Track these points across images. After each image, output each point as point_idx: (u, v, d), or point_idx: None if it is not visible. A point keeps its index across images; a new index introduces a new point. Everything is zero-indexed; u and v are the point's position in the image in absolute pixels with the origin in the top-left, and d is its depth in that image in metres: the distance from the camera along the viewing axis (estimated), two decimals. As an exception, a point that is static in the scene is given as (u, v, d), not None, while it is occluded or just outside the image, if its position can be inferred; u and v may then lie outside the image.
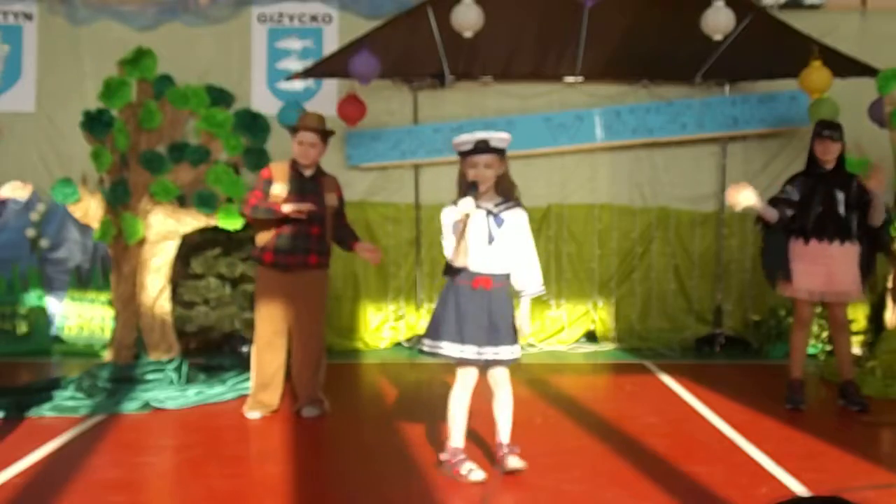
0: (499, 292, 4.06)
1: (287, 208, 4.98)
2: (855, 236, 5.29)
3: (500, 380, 4.18)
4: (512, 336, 4.08)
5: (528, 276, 4.11)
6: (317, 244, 5.16)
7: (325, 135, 5.21)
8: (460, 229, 3.93)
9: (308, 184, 5.18)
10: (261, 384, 5.25)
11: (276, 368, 5.26)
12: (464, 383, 4.14)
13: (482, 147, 3.98)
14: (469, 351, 4.02)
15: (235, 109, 6.17)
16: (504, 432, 4.21)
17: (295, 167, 5.20)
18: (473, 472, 4.02)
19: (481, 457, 4.33)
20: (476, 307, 4.01)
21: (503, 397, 4.21)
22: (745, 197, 5.03)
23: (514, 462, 4.12)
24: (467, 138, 4.01)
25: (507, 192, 4.12)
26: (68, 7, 7.76)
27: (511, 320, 4.08)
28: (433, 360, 7.17)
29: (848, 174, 5.38)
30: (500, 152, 4.05)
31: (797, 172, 5.50)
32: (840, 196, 5.26)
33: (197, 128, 6.08)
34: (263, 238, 5.16)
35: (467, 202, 3.88)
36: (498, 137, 4.02)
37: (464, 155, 4.03)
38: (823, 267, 5.26)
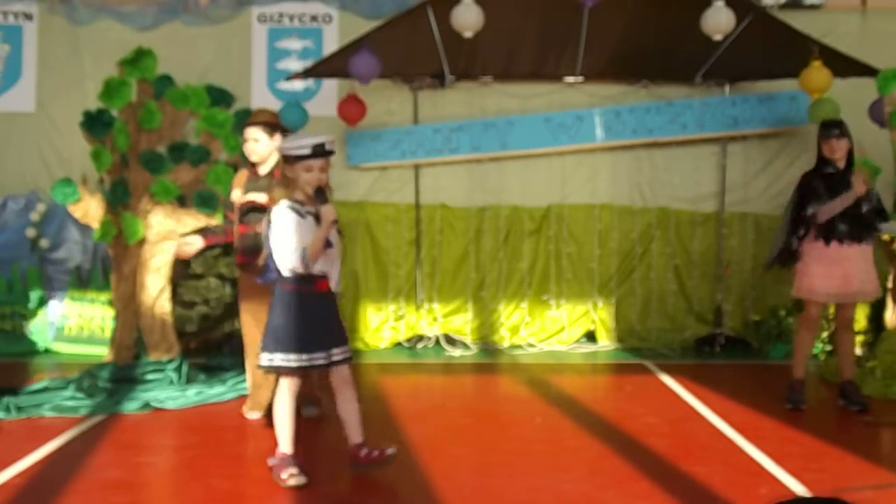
0: (332, 292, 4.09)
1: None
2: (871, 236, 5.30)
3: (347, 377, 4.15)
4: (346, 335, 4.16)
5: (337, 274, 4.12)
6: None
7: (270, 129, 5.10)
8: (322, 235, 3.90)
9: (262, 181, 5.13)
10: (255, 384, 5.24)
11: None
12: (294, 390, 4.10)
13: (320, 151, 3.92)
14: (318, 358, 3.99)
15: (235, 109, 6.18)
16: (358, 431, 4.21)
17: (251, 168, 5.18)
18: (295, 477, 3.99)
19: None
20: (322, 310, 4.03)
21: (350, 395, 4.19)
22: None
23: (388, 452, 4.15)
24: (303, 142, 3.91)
25: (323, 195, 3.99)
26: (68, 7, 7.76)
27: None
28: (431, 360, 7.21)
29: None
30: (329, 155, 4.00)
31: (808, 171, 5.48)
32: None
33: (197, 128, 6.09)
34: (234, 241, 5.18)
35: (331, 209, 3.90)
36: (331, 141, 3.97)
37: (298, 158, 3.91)
38: (840, 269, 5.26)
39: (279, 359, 3.95)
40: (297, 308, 3.96)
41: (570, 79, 7.68)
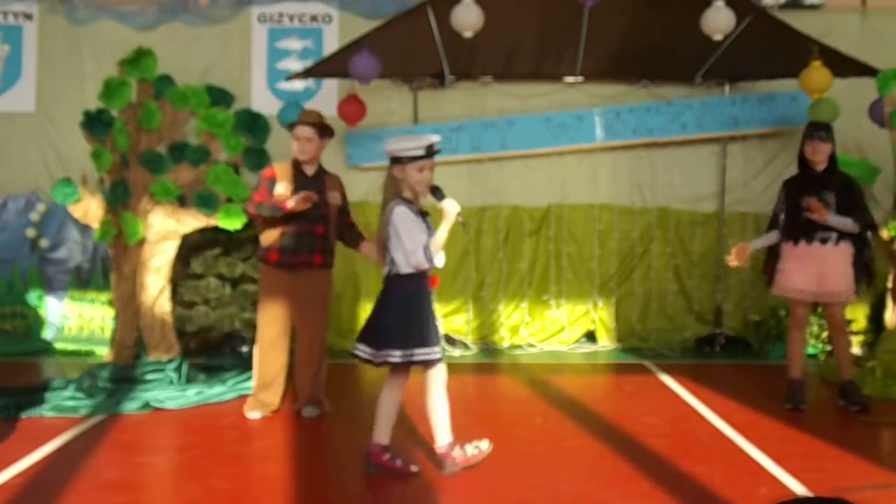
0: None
1: (291, 203, 4.96)
2: (847, 237, 5.30)
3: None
4: None
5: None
6: (322, 243, 5.14)
7: (322, 130, 5.17)
8: (448, 229, 4.00)
9: (311, 182, 5.16)
10: (262, 384, 5.25)
11: (279, 368, 5.26)
12: (443, 376, 4.18)
13: (431, 151, 4.01)
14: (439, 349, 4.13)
15: (235, 109, 6.18)
16: (388, 434, 4.28)
17: (297, 166, 5.19)
18: (481, 443, 4.19)
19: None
20: (431, 306, 4.14)
21: (398, 397, 4.30)
22: (744, 257, 5.44)
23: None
24: (416, 143, 3.97)
25: (440, 191, 4.16)
26: (68, 7, 7.76)
27: None
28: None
29: (841, 175, 5.39)
30: None
31: (790, 177, 5.53)
32: (831, 197, 5.28)
33: (197, 128, 6.09)
34: (268, 238, 5.15)
35: (454, 203, 4.00)
36: (439, 140, 4.08)
37: (412, 159, 3.99)
38: (815, 267, 5.28)
39: (423, 353, 4.00)
40: (422, 303, 4.05)
41: (570, 79, 7.68)
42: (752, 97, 7.60)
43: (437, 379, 4.14)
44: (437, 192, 4.06)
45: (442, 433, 4.15)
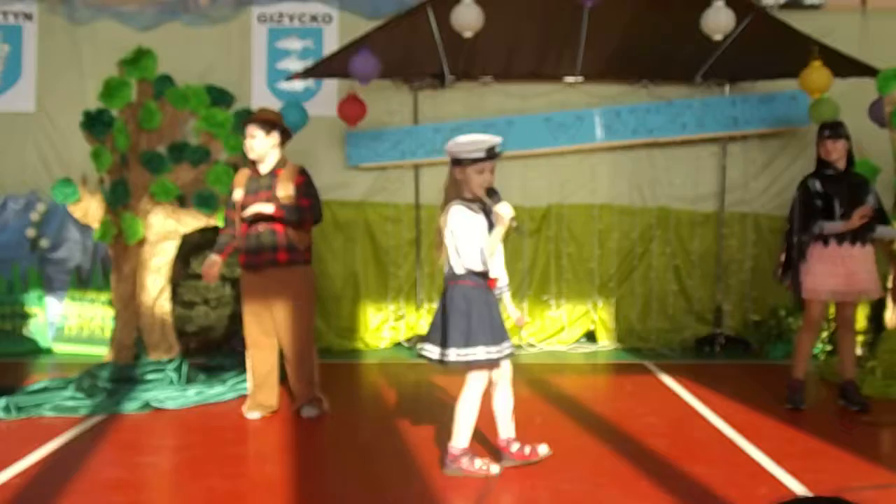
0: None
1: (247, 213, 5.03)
2: (871, 237, 5.31)
3: (507, 371, 4.25)
4: None
5: (503, 271, 4.31)
6: (284, 240, 5.08)
7: (268, 127, 5.12)
8: (502, 232, 3.98)
9: (263, 181, 5.14)
10: (256, 385, 5.25)
11: (269, 369, 5.25)
12: (484, 383, 4.18)
13: (493, 153, 4.03)
14: (505, 348, 4.11)
15: (235, 109, 6.18)
16: (511, 426, 4.30)
17: (253, 167, 5.19)
18: (492, 465, 4.15)
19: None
20: (496, 305, 4.14)
21: (509, 390, 4.30)
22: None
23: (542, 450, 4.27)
24: (477, 145, 3.99)
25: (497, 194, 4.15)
26: (68, 7, 7.77)
27: None
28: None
29: (860, 176, 5.39)
30: None
31: (808, 175, 5.46)
32: (858, 197, 5.26)
33: (197, 128, 6.09)
34: (238, 240, 5.19)
35: (508, 207, 3.94)
36: (500, 141, 4.09)
37: (472, 161, 4.01)
38: (844, 268, 5.26)
39: (480, 352, 3.99)
40: (481, 302, 4.04)
41: (570, 79, 7.68)
42: (752, 97, 7.60)
43: (478, 382, 4.13)
44: (493, 195, 4.02)
45: (460, 436, 4.14)
